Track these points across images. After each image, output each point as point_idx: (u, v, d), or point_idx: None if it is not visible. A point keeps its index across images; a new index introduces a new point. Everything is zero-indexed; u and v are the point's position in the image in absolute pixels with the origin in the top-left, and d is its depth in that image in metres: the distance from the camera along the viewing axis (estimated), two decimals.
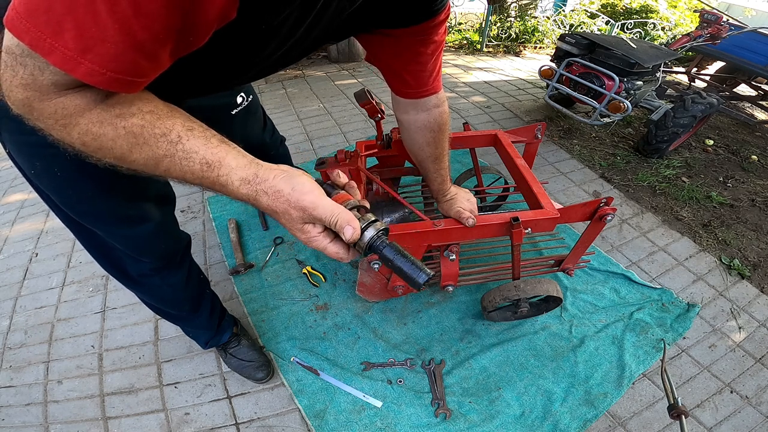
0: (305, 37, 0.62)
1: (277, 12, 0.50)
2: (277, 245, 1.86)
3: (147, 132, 0.45)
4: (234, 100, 1.21)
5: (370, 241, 0.54)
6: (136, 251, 0.95)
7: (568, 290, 1.63)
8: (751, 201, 2.23)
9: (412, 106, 1.03)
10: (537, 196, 1.20)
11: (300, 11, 0.53)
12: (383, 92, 3.46)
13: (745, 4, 5.98)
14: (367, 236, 0.54)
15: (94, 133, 0.44)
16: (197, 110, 0.56)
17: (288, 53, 0.66)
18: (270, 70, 0.73)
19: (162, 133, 0.46)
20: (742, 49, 2.93)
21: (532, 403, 1.29)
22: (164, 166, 0.47)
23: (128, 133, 0.45)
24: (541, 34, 4.86)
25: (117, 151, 0.46)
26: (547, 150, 2.60)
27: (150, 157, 0.46)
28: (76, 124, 0.44)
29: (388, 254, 0.55)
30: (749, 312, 1.61)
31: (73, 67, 0.38)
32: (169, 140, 0.46)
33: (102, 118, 0.44)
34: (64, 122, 0.44)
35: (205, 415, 1.30)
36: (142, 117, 0.45)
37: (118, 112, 0.45)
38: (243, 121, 1.28)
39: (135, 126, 0.45)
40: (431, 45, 0.86)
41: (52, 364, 1.48)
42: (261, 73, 0.74)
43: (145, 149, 0.46)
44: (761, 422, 1.28)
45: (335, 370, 1.38)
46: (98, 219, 0.86)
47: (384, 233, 0.56)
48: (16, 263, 1.93)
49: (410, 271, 0.55)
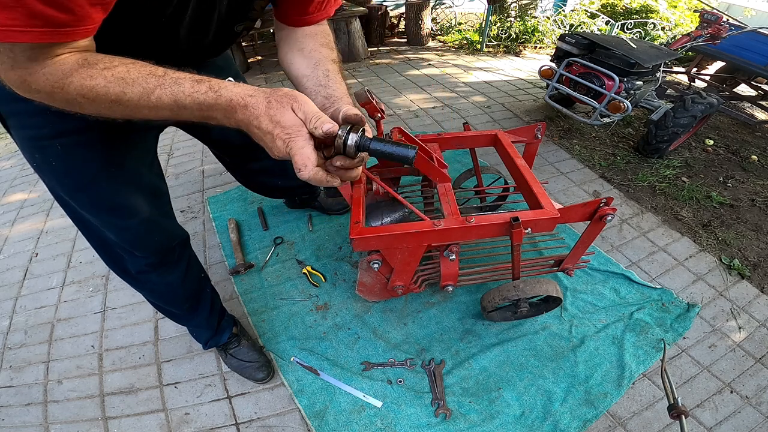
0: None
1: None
2: (277, 245, 1.86)
3: (134, 74, 0.54)
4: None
5: (357, 143, 0.62)
6: (129, 244, 0.97)
7: (568, 290, 1.63)
8: (751, 201, 2.23)
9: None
10: (537, 196, 1.20)
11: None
12: (383, 92, 3.46)
13: (745, 4, 5.97)
14: (352, 139, 0.62)
15: (88, 86, 0.52)
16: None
17: (203, 12, 0.68)
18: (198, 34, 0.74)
19: (149, 72, 0.54)
20: (742, 49, 2.93)
21: (532, 403, 1.29)
22: (156, 95, 0.54)
23: (117, 78, 0.53)
24: (541, 34, 4.85)
25: (112, 95, 0.53)
26: (547, 150, 2.60)
27: (142, 93, 0.54)
28: (70, 83, 0.52)
29: (376, 147, 0.64)
30: (749, 312, 1.61)
31: (7, 36, 0.45)
32: (157, 75, 0.55)
33: (90, 74, 0.52)
34: (59, 85, 0.52)
35: (205, 415, 1.30)
36: (126, 66, 0.54)
37: (102, 66, 0.53)
38: None
39: (121, 72, 0.53)
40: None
41: (52, 364, 1.48)
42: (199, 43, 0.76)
43: (135, 87, 0.53)
44: (761, 422, 1.28)
45: (335, 370, 1.38)
46: (93, 207, 0.88)
47: (363, 132, 0.65)
48: (16, 263, 1.93)
49: (399, 152, 0.64)
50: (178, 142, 2.74)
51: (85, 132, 0.78)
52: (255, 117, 0.56)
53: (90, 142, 0.80)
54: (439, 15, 5.55)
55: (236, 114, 0.57)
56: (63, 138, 0.77)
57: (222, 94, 0.55)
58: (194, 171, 2.43)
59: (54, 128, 0.76)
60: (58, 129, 0.76)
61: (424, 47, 4.77)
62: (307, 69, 0.82)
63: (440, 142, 1.48)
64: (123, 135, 0.84)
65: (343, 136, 0.61)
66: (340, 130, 0.61)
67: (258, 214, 2.03)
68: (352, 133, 0.62)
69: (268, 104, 0.57)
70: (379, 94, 3.39)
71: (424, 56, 4.40)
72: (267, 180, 1.61)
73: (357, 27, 4.07)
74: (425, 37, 4.78)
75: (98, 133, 0.80)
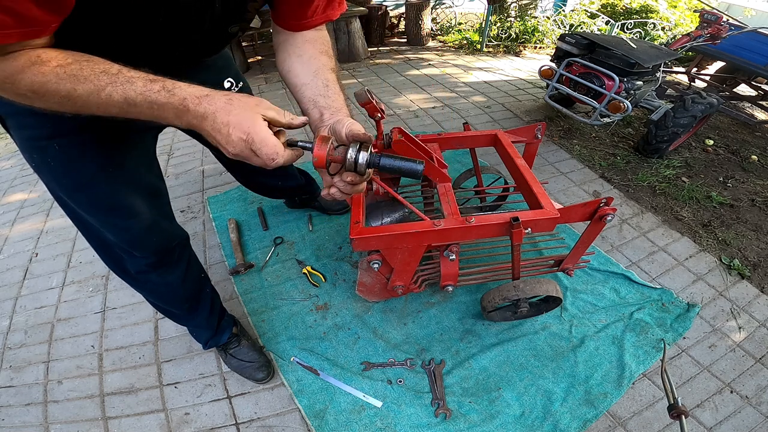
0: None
1: None
2: (277, 245, 1.86)
3: (86, 71, 0.54)
4: (221, 85, 1.15)
5: (368, 160, 0.64)
6: (128, 244, 0.96)
7: (568, 290, 1.63)
8: (751, 201, 2.23)
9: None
10: (537, 196, 1.20)
11: None
12: (383, 92, 3.46)
13: (745, 4, 5.97)
14: (363, 157, 0.64)
15: (39, 82, 0.53)
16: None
17: (196, 12, 0.68)
18: (183, 31, 0.72)
19: (102, 70, 0.54)
20: (742, 49, 2.93)
21: (532, 403, 1.29)
22: (106, 92, 0.54)
23: (69, 75, 0.53)
24: (541, 34, 4.86)
25: (63, 91, 0.54)
26: (547, 150, 2.60)
27: (92, 90, 0.54)
28: (21, 80, 0.53)
29: (386, 163, 0.66)
30: (749, 312, 1.61)
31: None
32: (110, 73, 0.55)
33: (42, 71, 0.52)
34: (11, 80, 0.53)
35: (205, 415, 1.30)
36: (79, 63, 0.54)
37: (55, 63, 0.53)
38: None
39: (74, 69, 0.54)
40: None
41: (52, 364, 1.48)
42: (181, 43, 0.75)
43: (86, 84, 0.54)
44: (761, 422, 1.28)
45: (335, 370, 1.38)
46: (92, 207, 0.88)
47: (371, 149, 0.66)
48: (16, 263, 1.93)
49: (408, 167, 0.66)
50: (178, 142, 2.74)
51: (82, 132, 0.78)
52: (212, 112, 0.56)
53: (88, 142, 0.80)
54: (439, 15, 5.55)
55: (188, 113, 0.57)
56: (61, 138, 0.77)
57: (175, 93, 0.56)
58: (194, 171, 2.43)
59: (52, 128, 0.76)
60: (56, 129, 0.76)
61: (424, 47, 4.77)
62: (306, 77, 0.82)
63: (440, 142, 1.48)
64: (121, 135, 0.84)
65: (354, 155, 0.64)
66: (351, 149, 0.64)
67: (258, 214, 2.03)
68: (362, 151, 0.65)
69: (228, 101, 0.57)
70: (379, 94, 3.39)
71: (424, 56, 4.40)
72: (267, 180, 1.61)
73: (357, 27, 4.07)
74: (425, 37, 4.79)
75: (96, 133, 0.80)
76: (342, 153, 0.66)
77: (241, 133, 0.57)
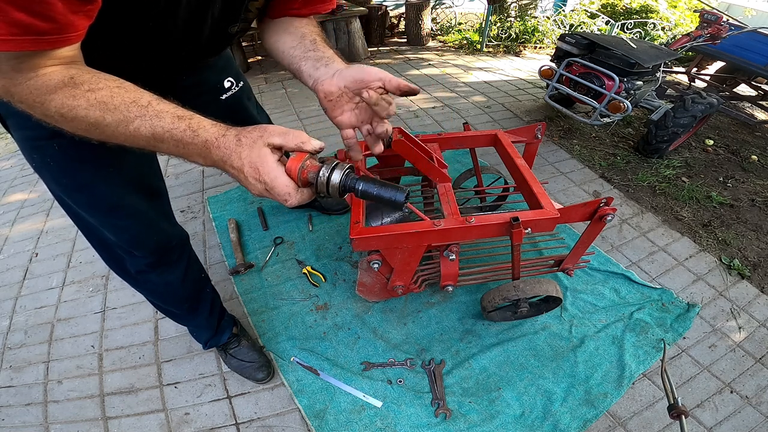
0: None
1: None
2: (277, 245, 1.86)
3: (117, 100, 0.53)
4: (221, 85, 1.15)
5: (341, 182, 0.55)
6: (128, 244, 0.96)
7: (568, 290, 1.63)
8: (751, 201, 2.23)
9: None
10: (537, 196, 1.20)
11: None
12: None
13: (745, 4, 5.97)
14: (335, 178, 0.54)
15: (69, 105, 0.52)
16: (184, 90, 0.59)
17: (195, 13, 0.67)
18: (192, 34, 0.73)
19: (132, 100, 0.54)
20: (742, 49, 2.93)
21: (532, 403, 1.29)
22: (135, 126, 0.54)
23: (99, 103, 0.52)
24: (541, 34, 4.86)
25: (92, 118, 0.53)
26: (547, 150, 2.60)
27: (121, 120, 0.53)
28: (51, 100, 0.51)
29: (363, 188, 0.57)
30: (749, 312, 1.61)
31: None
32: (140, 105, 0.54)
33: (74, 94, 0.52)
34: (41, 101, 0.52)
35: (205, 415, 1.30)
36: (110, 90, 0.53)
37: (86, 87, 0.52)
38: (234, 108, 1.23)
39: (105, 96, 0.53)
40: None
41: (52, 364, 1.48)
42: (189, 44, 0.75)
43: (116, 113, 0.53)
44: (761, 422, 1.28)
45: (335, 370, 1.38)
46: (92, 207, 0.88)
47: (350, 170, 0.57)
48: (16, 263, 1.93)
49: (389, 195, 0.57)
50: None
51: None
52: (228, 156, 0.55)
53: (87, 143, 0.80)
54: (439, 15, 5.55)
55: (210, 156, 0.56)
56: (61, 138, 0.77)
57: (199, 134, 0.54)
58: (194, 171, 2.43)
59: (51, 128, 0.75)
60: (56, 129, 0.76)
61: (424, 47, 4.77)
62: (294, 41, 0.81)
63: (440, 142, 1.48)
64: None
65: (326, 175, 0.54)
66: (323, 168, 0.54)
67: (258, 214, 2.03)
68: (336, 170, 0.54)
69: (237, 141, 0.55)
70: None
71: (424, 56, 4.40)
72: None
73: (357, 27, 4.07)
74: (425, 37, 4.78)
75: None
76: (313, 171, 0.55)
77: (254, 172, 0.55)
